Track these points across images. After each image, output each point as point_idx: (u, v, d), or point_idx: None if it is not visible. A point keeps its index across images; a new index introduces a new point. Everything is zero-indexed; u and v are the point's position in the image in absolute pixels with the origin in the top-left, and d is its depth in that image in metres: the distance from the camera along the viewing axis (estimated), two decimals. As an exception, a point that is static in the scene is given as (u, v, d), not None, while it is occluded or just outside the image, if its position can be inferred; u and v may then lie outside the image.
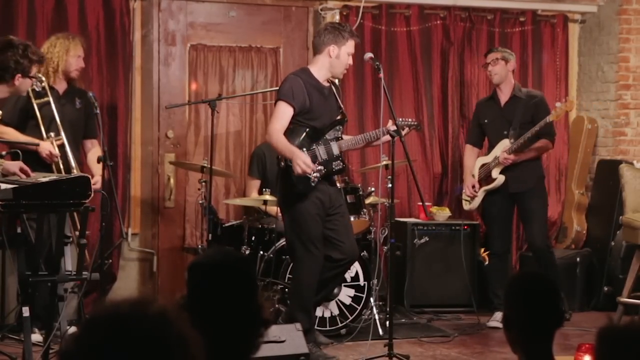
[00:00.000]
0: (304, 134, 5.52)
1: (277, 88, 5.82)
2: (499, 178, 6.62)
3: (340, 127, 5.66)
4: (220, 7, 7.19)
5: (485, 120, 6.81)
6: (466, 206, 6.93)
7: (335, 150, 5.58)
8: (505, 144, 6.60)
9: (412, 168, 5.62)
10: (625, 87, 7.70)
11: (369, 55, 5.69)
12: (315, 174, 5.45)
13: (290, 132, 5.52)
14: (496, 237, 6.78)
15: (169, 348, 1.38)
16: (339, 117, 5.68)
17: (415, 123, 5.87)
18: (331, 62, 5.52)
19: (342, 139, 5.65)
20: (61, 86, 5.97)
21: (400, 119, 5.74)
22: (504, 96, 6.71)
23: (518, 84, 6.82)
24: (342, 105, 5.74)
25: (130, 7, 6.84)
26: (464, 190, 6.91)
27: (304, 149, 5.49)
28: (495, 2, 7.71)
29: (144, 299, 1.44)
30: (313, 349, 5.41)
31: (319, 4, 7.34)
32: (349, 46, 5.53)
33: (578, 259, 7.36)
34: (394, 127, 5.53)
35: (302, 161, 5.39)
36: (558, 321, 2.77)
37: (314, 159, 5.49)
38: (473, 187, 6.80)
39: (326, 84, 5.62)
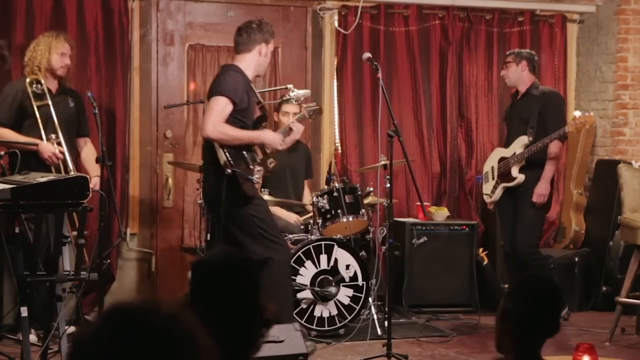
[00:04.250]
0: None
1: (218, 84, 5.37)
2: (519, 177, 6.41)
3: (265, 124, 5.60)
4: (218, 7, 7.20)
5: (505, 114, 6.87)
6: (487, 199, 6.73)
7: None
8: (523, 140, 6.40)
9: (411, 168, 5.61)
10: (623, 87, 7.71)
11: (367, 55, 5.68)
12: (257, 176, 5.39)
13: None
14: (504, 234, 6.65)
15: (175, 347, 1.40)
16: (260, 114, 5.63)
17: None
18: (259, 61, 5.48)
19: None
20: (52, 85, 5.94)
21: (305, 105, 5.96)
22: (520, 93, 6.58)
23: (537, 82, 6.59)
24: (261, 101, 5.59)
25: (129, 7, 6.84)
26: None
27: (244, 152, 5.36)
28: (493, 2, 7.72)
29: (159, 298, 1.48)
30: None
31: (317, 4, 7.34)
32: (272, 46, 5.56)
33: (576, 259, 7.37)
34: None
35: (280, 139, 5.43)
36: (553, 331, 2.78)
37: (253, 160, 5.40)
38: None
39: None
